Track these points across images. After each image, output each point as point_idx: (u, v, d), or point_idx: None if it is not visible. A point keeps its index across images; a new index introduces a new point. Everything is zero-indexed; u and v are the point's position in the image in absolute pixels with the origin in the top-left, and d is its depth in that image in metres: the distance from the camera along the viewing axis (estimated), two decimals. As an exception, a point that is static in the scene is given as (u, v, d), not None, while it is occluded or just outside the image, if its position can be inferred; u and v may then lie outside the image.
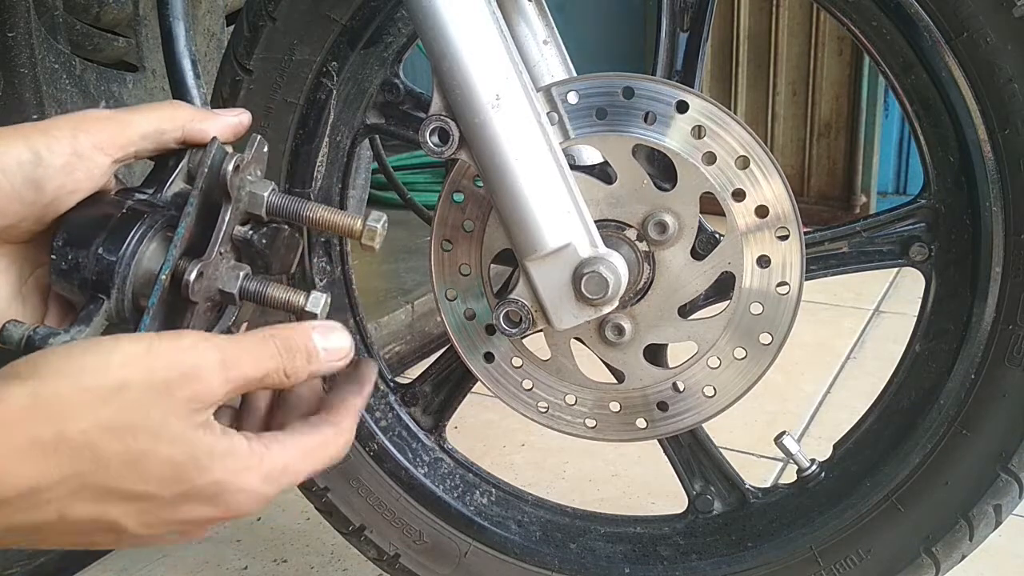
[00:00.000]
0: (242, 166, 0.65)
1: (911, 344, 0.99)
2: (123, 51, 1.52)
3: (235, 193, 0.65)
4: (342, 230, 0.67)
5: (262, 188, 0.67)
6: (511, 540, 1.12)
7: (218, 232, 0.65)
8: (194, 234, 0.65)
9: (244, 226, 0.68)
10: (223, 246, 0.66)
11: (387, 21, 1.03)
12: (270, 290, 0.67)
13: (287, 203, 0.67)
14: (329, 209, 0.67)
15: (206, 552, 1.47)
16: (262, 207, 0.67)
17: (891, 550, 1.00)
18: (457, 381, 1.13)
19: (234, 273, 0.67)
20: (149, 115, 0.69)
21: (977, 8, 0.83)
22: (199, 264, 0.63)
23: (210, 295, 0.66)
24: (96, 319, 0.63)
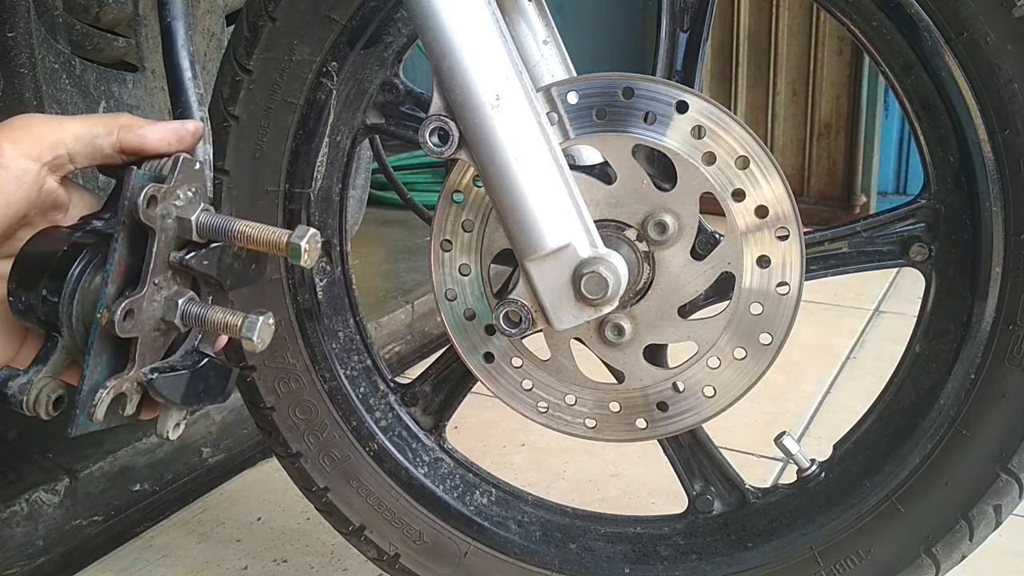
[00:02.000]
0: (159, 196, 0.64)
1: (911, 344, 0.99)
2: (123, 51, 1.52)
3: (157, 224, 0.64)
4: (268, 246, 0.66)
5: (190, 211, 0.66)
6: (511, 540, 1.12)
7: (146, 267, 0.64)
8: (131, 264, 0.65)
9: (181, 251, 0.67)
10: (157, 276, 0.65)
11: (387, 21, 1.03)
12: (210, 314, 0.67)
13: (216, 223, 0.66)
14: (255, 226, 0.66)
15: (206, 552, 1.47)
16: (192, 231, 0.66)
17: (891, 550, 1.00)
18: (457, 381, 1.13)
19: (173, 301, 0.66)
20: (84, 119, 0.68)
21: (977, 8, 0.83)
22: (126, 302, 0.63)
23: (152, 325, 0.66)
24: (54, 356, 0.65)
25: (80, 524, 1.50)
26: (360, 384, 1.14)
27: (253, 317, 0.65)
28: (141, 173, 0.65)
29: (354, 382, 1.14)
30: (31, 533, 1.43)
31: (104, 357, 0.64)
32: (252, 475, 1.70)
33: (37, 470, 1.48)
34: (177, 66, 0.76)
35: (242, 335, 0.65)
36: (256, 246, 0.66)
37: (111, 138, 0.68)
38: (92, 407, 0.63)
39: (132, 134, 0.68)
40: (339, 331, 1.14)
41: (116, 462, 1.54)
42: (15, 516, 1.41)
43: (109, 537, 1.51)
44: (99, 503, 1.52)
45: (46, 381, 0.64)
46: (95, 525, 1.51)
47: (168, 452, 1.63)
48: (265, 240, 0.65)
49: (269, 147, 1.05)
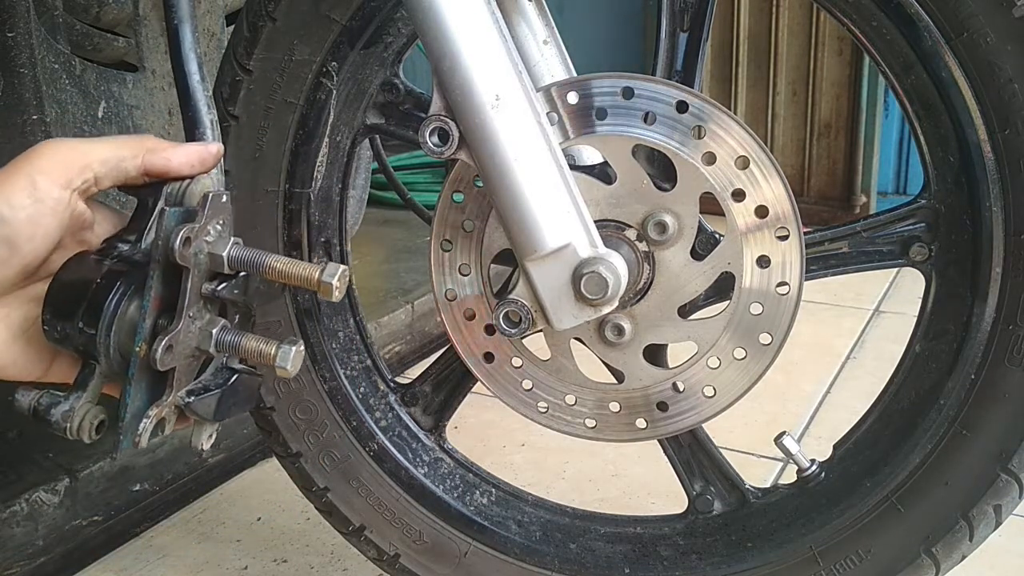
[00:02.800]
0: (193, 236, 0.66)
1: (911, 344, 0.99)
2: (123, 51, 1.52)
3: (191, 262, 0.66)
4: (300, 282, 0.68)
5: (221, 247, 0.68)
6: (511, 540, 1.12)
7: (182, 302, 0.67)
8: (164, 297, 0.67)
9: (212, 282, 0.69)
10: (191, 308, 0.67)
11: (387, 21, 1.03)
12: (244, 341, 0.69)
13: (248, 256, 0.68)
14: (285, 260, 0.68)
15: (206, 552, 1.47)
16: (223, 265, 0.68)
17: (891, 550, 1.00)
18: (457, 381, 1.13)
19: (208, 330, 0.69)
20: (110, 142, 0.69)
21: (977, 8, 0.83)
22: (166, 338, 0.66)
23: (188, 354, 0.69)
24: (92, 383, 0.67)
25: (80, 524, 1.49)
26: (360, 384, 1.14)
27: (286, 347, 0.68)
28: (173, 212, 0.67)
29: (354, 382, 1.14)
30: (31, 533, 1.43)
31: (143, 385, 0.67)
32: (252, 475, 1.70)
33: (37, 470, 1.48)
34: (185, 69, 0.76)
35: (276, 364, 0.68)
36: (287, 280, 0.68)
37: (136, 161, 0.69)
38: (137, 435, 0.66)
39: (157, 157, 0.69)
40: (339, 331, 1.14)
41: (116, 462, 1.54)
42: (15, 516, 1.41)
43: (109, 537, 1.51)
44: (99, 503, 1.52)
45: (87, 407, 0.67)
46: (95, 525, 1.51)
47: (168, 452, 1.63)
48: (296, 276, 0.68)
49: (269, 147, 1.05)
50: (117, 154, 0.68)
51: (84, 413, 0.66)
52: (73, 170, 0.66)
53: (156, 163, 0.69)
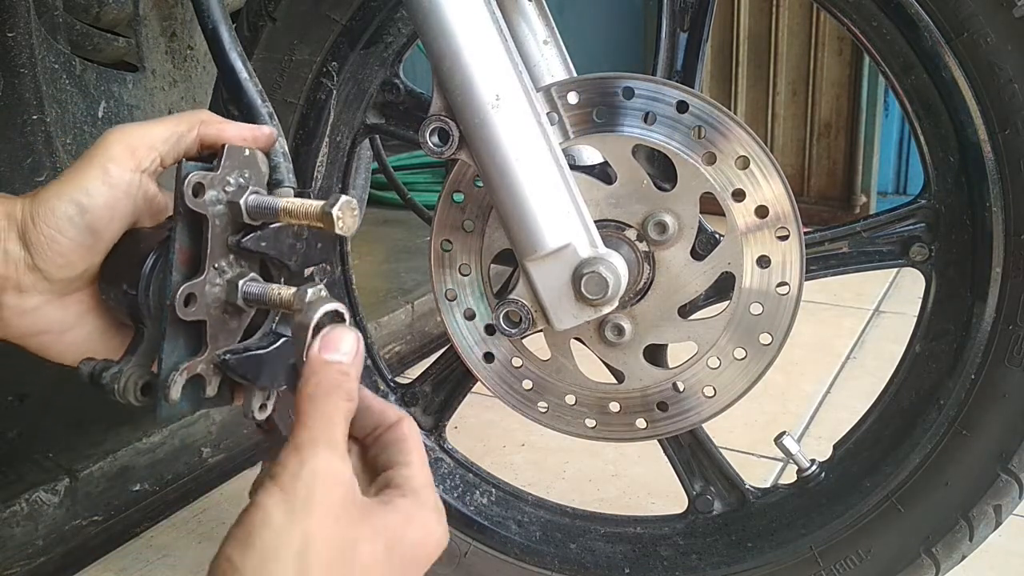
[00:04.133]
0: (207, 183, 0.66)
1: (911, 344, 0.99)
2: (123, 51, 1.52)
3: (208, 210, 0.66)
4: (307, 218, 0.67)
5: (238, 196, 0.67)
6: (511, 540, 1.12)
7: (204, 252, 0.66)
8: (192, 254, 0.67)
9: (237, 234, 0.68)
10: (219, 260, 0.67)
11: (387, 21, 1.03)
12: (267, 292, 0.68)
13: (263, 203, 0.68)
14: (296, 201, 0.67)
15: (206, 552, 1.47)
16: (243, 214, 0.67)
17: (891, 550, 1.00)
18: (457, 381, 1.13)
19: (235, 283, 0.68)
20: (167, 121, 0.70)
21: (977, 8, 0.83)
22: (185, 287, 0.65)
23: (220, 308, 0.68)
24: (141, 346, 0.68)
25: (80, 524, 1.49)
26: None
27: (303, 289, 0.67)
28: (189, 163, 0.67)
29: (354, 382, 1.14)
30: (31, 533, 1.43)
31: (180, 342, 0.67)
32: (252, 475, 1.69)
33: (37, 470, 1.48)
34: (231, 68, 0.77)
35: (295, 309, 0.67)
36: (298, 220, 0.67)
37: (193, 133, 0.70)
38: (167, 389, 0.66)
39: (211, 127, 0.71)
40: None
41: (116, 462, 1.54)
42: (15, 516, 1.40)
43: (109, 537, 1.50)
44: (99, 503, 1.52)
45: (134, 370, 0.68)
46: (95, 525, 1.51)
47: (168, 452, 1.63)
48: (303, 212, 0.67)
49: (269, 147, 1.05)
50: (176, 130, 0.70)
51: (130, 375, 0.67)
52: (140, 152, 0.68)
53: (210, 132, 0.71)
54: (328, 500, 0.58)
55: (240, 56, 0.77)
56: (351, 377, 0.64)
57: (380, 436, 0.68)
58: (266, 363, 0.70)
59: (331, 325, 0.66)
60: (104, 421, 1.62)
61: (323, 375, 0.63)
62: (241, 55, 0.77)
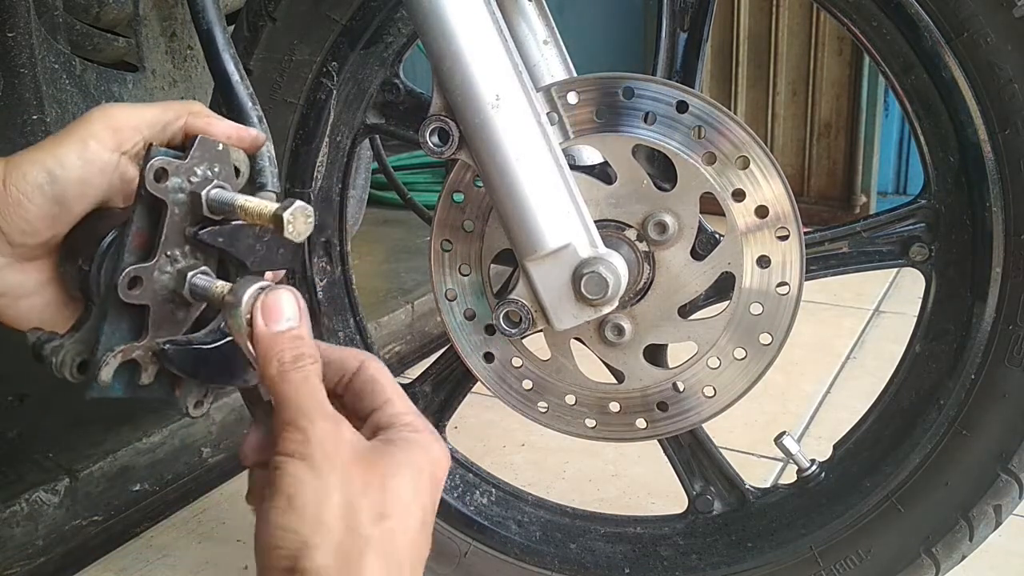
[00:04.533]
0: (171, 170, 0.65)
1: (911, 344, 0.99)
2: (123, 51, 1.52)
3: (168, 197, 0.66)
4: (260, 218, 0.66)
5: (202, 187, 0.67)
6: (511, 540, 1.12)
7: (158, 237, 0.66)
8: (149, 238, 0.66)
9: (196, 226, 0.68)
10: (173, 249, 0.67)
11: (387, 21, 1.03)
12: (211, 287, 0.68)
13: (224, 197, 0.67)
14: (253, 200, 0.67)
15: (206, 552, 1.47)
16: (203, 206, 0.67)
17: (891, 550, 1.00)
18: (457, 381, 1.13)
19: (184, 273, 0.68)
20: (157, 106, 0.70)
21: (977, 8, 0.83)
22: (132, 269, 0.65)
23: (166, 297, 0.68)
24: (87, 324, 0.67)
25: (80, 524, 1.49)
26: (360, 384, 1.14)
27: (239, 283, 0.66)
28: (159, 149, 0.66)
29: (354, 382, 1.14)
30: (31, 533, 1.43)
31: (122, 325, 0.67)
32: (252, 475, 1.70)
33: (37, 470, 1.48)
34: (223, 70, 0.77)
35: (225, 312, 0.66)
36: (252, 219, 0.67)
37: (180, 122, 0.70)
38: (98, 369, 0.66)
39: (199, 120, 0.71)
40: (339, 331, 1.14)
41: (116, 462, 1.54)
42: (15, 516, 1.40)
43: (109, 537, 1.50)
44: (99, 503, 1.52)
45: (74, 346, 0.67)
46: (95, 525, 1.51)
47: (168, 452, 1.63)
48: (257, 212, 0.66)
49: (269, 147, 1.05)
50: (163, 117, 0.70)
51: (69, 350, 0.66)
52: (123, 133, 0.68)
53: (197, 124, 0.70)
54: (343, 455, 0.60)
55: (233, 58, 0.77)
56: (305, 338, 0.64)
57: (349, 383, 0.69)
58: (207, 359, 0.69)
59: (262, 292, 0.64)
60: (104, 421, 1.62)
61: (279, 349, 0.63)
62: (234, 57, 0.77)
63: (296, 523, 0.58)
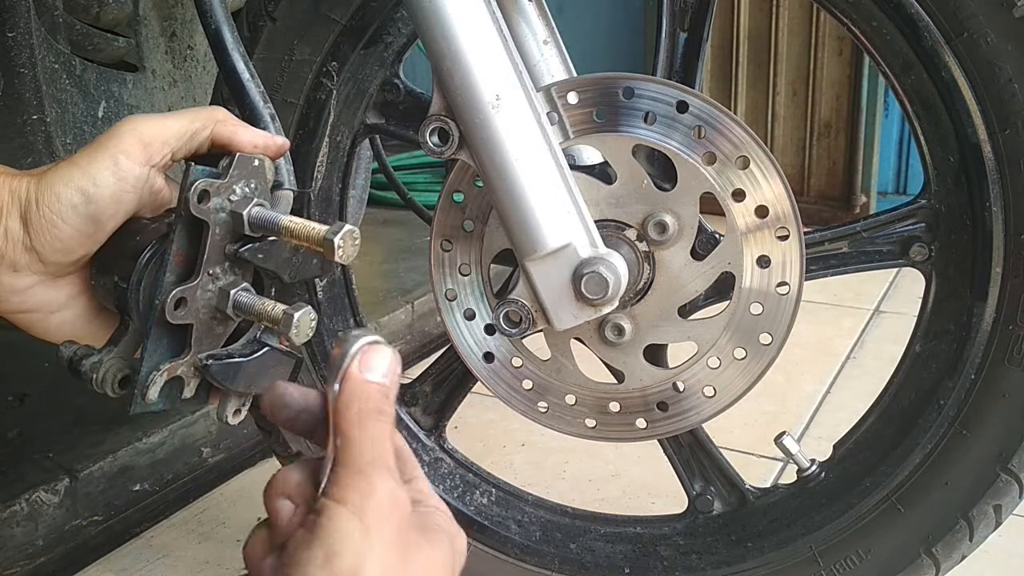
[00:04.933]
0: (212, 190, 0.66)
1: (911, 344, 0.99)
2: (123, 51, 1.52)
3: (211, 217, 0.66)
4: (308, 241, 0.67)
5: (242, 206, 0.68)
6: (511, 540, 1.12)
7: (201, 257, 0.67)
8: (188, 256, 0.67)
9: (236, 243, 0.69)
10: (214, 267, 0.68)
11: (387, 21, 1.03)
12: (257, 305, 0.69)
13: (266, 217, 0.68)
14: (298, 221, 0.67)
15: (206, 552, 1.47)
16: (244, 225, 0.68)
17: (891, 550, 1.00)
18: (457, 381, 1.13)
19: (227, 291, 0.69)
20: (183, 116, 0.71)
21: (977, 8, 0.83)
22: (178, 291, 0.66)
23: (208, 314, 0.69)
24: (125, 339, 0.69)
25: (80, 524, 1.49)
26: (360, 384, 1.14)
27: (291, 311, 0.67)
28: (198, 168, 0.67)
29: (354, 382, 1.14)
30: (31, 533, 1.43)
31: (164, 342, 0.68)
32: (252, 475, 1.70)
33: (37, 470, 1.48)
34: (234, 69, 0.78)
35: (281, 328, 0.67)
36: (298, 240, 0.68)
37: (207, 132, 0.71)
38: (145, 388, 0.67)
39: (226, 128, 0.71)
40: (339, 331, 1.14)
41: (116, 462, 1.54)
42: (15, 516, 1.40)
43: (109, 537, 1.50)
44: (99, 503, 1.52)
45: (114, 361, 0.68)
46: (95, 525, 1.51)
47: (168, 452, 1.63)
48: (304, 235, 0.67)
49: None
50: (191, 128, 0.70)
51: (110, 366, 0.68)
52: (153, 147, 0.68)
53: (223, 133, 0.71)
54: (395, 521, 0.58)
55: (242, 57, 0.78)
56: (390, 400, 0.62)
57: None
58: (246, 371, 0.70)
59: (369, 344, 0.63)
60: (104, 421, 1.62)
61: (366, 395, 0.60)
62: (243, 56, 0.78)
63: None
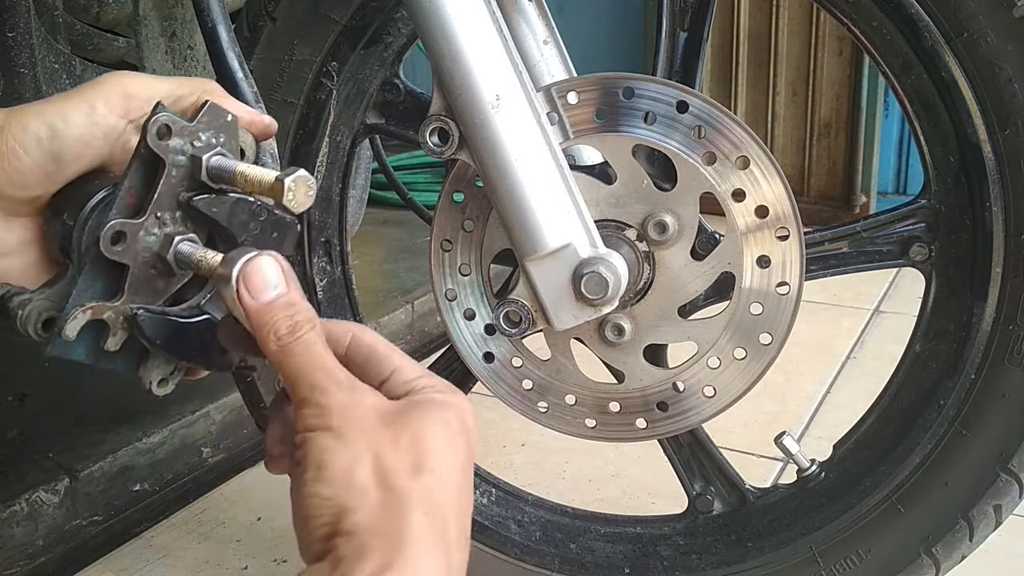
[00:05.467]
0: (175, 129, 0.63)
1: (911, 344, 0.99)
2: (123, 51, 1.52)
3: (168, 157, 0.63)
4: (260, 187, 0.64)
5: (203, 152, 0.65)
6: (511, 540, 1.12)
7: (151, 195, 0.64)
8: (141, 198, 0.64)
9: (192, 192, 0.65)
10: (163, 211, 0.65)
11: (387, 21, 1.03)
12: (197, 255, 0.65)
13: (224, 164, 0.65)
14: (254, 168, 0.65)
15: (206, 552, 1.47)
16: (202, 170, 0.65)
17: (891, 550, 1.00)
18: (457, 381, 1.13)
19: (171, 237, 0.65)
20: (172, 80, 0.69)
21: (977, 8, 0.83)
22: (117, 222, 0.63)
23: (148, 260, 0.65)
24: (61, 282, 0.65)
25: (80, 524, 1.49)
26: (360, 384, 1.14)
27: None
28: (165, 109, 0.64)
29: (354, 382, 1.14)
30: (31, 533, 1.43)
31: (97, 284, 0.64)
32: (252, 475, 1.70)
33: (37, 470, 1.48)
34: (228, 68, 0.77)
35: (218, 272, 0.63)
36: (251, 188, 0.65)
37: (193, 99, 0.69)
38: (64, 323, 0.63)
39: (214, 98, 0.69)
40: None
41: (116, 462, 1.54)
42: (15, 516, 1.40)
43: (109, 537, 1.50)
44: (99, 503, 1.52)
45: (43, 302, 0.64)
46: (95, 525, 1.51)
47: (168, 452, 1.63)
48: (257, 180, 0.64)
49: (269, 147, 1.05)
50: (178, 91, 0.68)
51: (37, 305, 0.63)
52: (134, 102, 0.66)
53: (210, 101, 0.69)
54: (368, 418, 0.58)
55: (237, 56, 0.77)
56: (297, 303, 0.61)
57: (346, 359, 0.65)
58: (180, 334, 0.66)
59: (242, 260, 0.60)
60: (104, 421, 1.62)
61: (273, 320, 0.59)
62: (238, 55, 0.77)
63: (329, 490, 0.56)
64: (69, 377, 1.78)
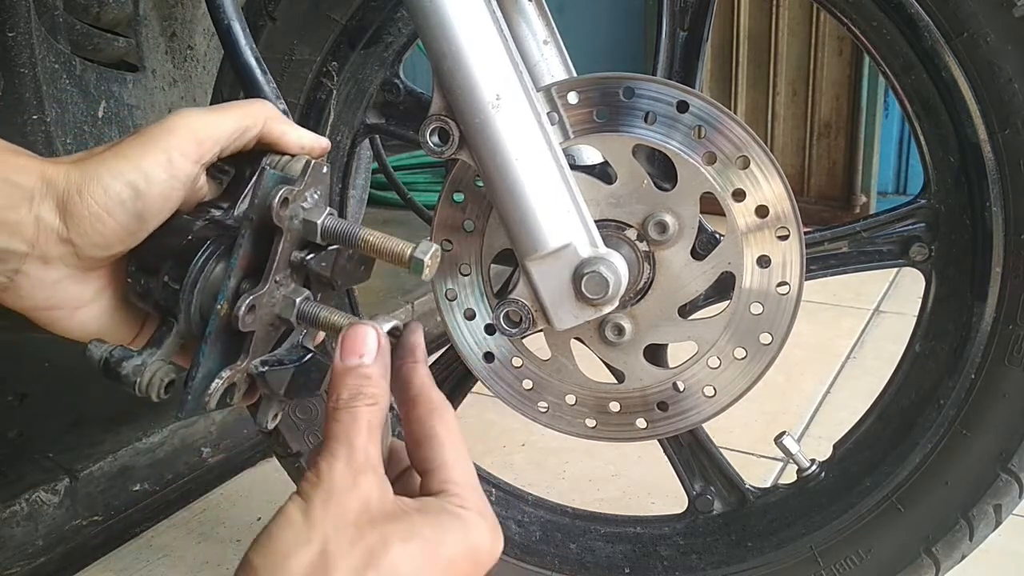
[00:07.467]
0: (291, 198, 0.65)
1: (911, 344, 0.99)
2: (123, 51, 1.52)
3: (285, 225, 0.65)
4: (391, 257, 0.67)
5: (316, 215, 0.66)
6: (511, 540, 1.12)
7: (271, 264, 0.65)
8: (253, 259, 0.66)
9: (302, 251, 0.68)
10: (279, 274, 0.67)
11: (387, 21, 1.03)
12: (323, 314, 0.68)
13: (341, 228, 0.67)
14: (379, 235, 0.67)
15: (206, 552, 1.47)
16: (316, 234, 0.67)
17: (891, 550, 1.00)
18: (457, 381, 1.13)
19: (291, 299, 0.68)
20: (234, 111, 0.68)
21: (977, 8, 0.83)
22: (251, 298, 0.64)
23: (268, 321, 0.68)
24: (167, 341, 0.67)
25: (80, 524, 1.49)
26: (360, 384, 1.14)
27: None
28: (273, 174, 0.66)
29: (354, 382, 1.14)
30: (31, 533, 1.43)
31: (219, 347, 0.66)
32: (252, 475, 1.70)
33: (37, 470, 1.48)
34: (247, 66, 0.76)
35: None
36: (378, 255, 0.67)
37: (256, 129, 0.69)
38: (207, 395, 0.65)
39: (275, 126, 0.69)
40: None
41: (116, 462, 1.54)
42: (15, 516, 1.41)
43: (109, 537, 1.51)
44: (99, 503, 1.52)
45: (159, 365, 0.66)
46: (95, 525, 1.51)
47: (168, 452, 1.63)
48: (388, 251, 0.67)
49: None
50: (243, 124, 0.68)
51: (155, 371, 0.65)
52: (206, 146, 0.66)
53: (272, 132, 0.69)
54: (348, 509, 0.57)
55: (254, 53, 0.77)
56: (373, 380, 0.61)
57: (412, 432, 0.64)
58: (293, 377, 0.69)
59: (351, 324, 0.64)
60: (104, 421, 1.62)
61: (343, 383, 0.61)
62: (255, 52, 0.77)
63: (261, 562, 0.55)
64: (69, 377, 1.78)
